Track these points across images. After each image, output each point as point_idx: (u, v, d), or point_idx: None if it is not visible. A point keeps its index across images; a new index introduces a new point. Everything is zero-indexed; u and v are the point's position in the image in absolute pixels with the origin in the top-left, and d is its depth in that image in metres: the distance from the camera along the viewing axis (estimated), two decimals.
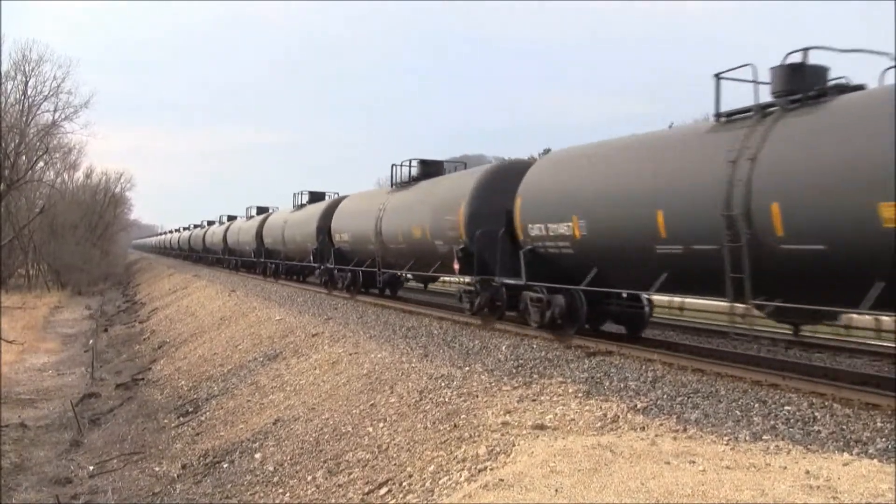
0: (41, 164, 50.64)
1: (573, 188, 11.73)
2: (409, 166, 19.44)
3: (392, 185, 20.14)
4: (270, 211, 38.71)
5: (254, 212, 40.90)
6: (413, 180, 19.10)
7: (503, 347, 11.60)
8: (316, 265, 25.23)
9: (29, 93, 48.12)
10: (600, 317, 12.33)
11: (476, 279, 14.04)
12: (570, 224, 11.42)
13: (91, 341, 25.99)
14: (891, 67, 9.23)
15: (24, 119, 47.51)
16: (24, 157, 46.60)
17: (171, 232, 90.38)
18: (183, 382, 16.91)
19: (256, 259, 35.45)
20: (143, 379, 19.14)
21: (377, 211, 19.48)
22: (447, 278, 20.42)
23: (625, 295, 11.71)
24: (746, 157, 8.52)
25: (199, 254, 58.01)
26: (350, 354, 12.60)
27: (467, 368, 10.15)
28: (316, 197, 30.24)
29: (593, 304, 11.63)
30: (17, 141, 45.98)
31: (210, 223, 58.01)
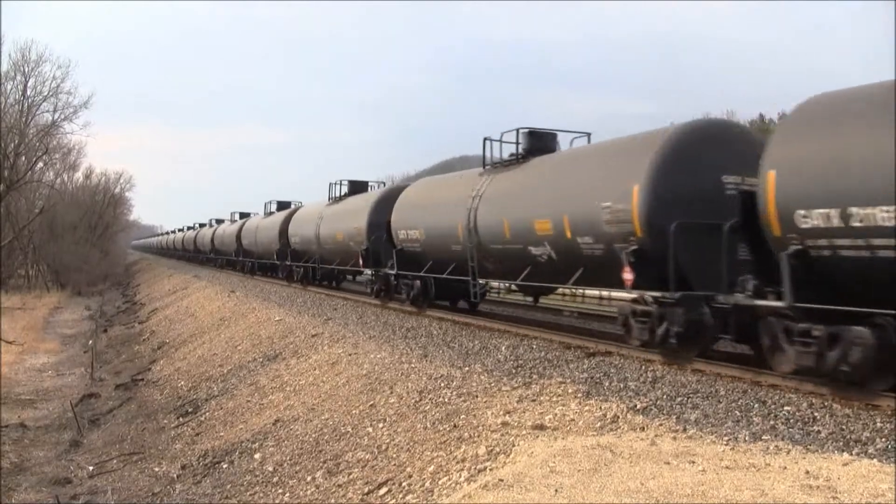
0: (41, 164, 50.65)
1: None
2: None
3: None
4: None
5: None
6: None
7: (503, 348, 11.60)
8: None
9: (28, 93, 48.02)
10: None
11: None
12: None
13: (91, 342, 25.97)
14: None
15: (23, 119, 47.44)
16: (23, 158, 46.56)
17: (171, 232, 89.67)
18: (182, 383, 16.90)
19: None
20: (142, 379, 19.14)
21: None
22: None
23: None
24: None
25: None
26: (350, 355, 12.60)
27: (467, 369, 10.16)
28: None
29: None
30: (16, 141, 45.93)
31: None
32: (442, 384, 9.49)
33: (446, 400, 8.85)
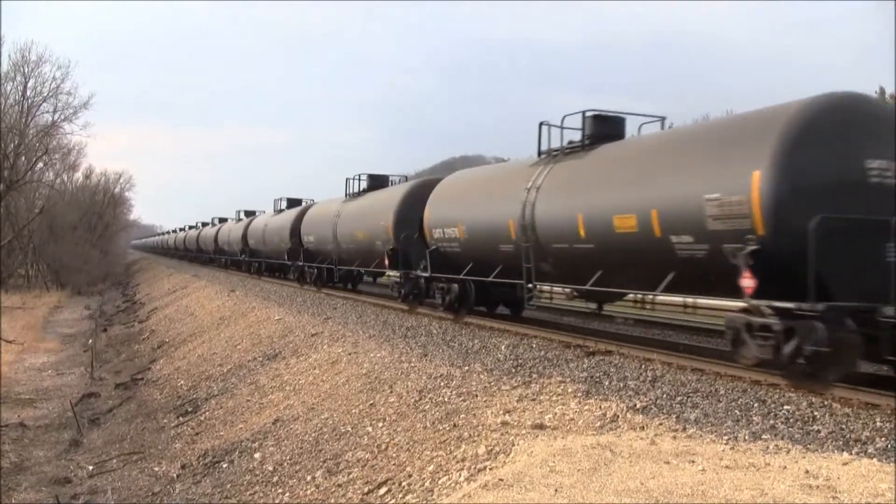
0: (41, 164, 50.68)
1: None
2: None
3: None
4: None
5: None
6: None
7: (502, 347, 11.59)
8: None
9: (28, 94, 48.05)
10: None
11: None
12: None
13: (90, 341, 25.97)
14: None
15: (23, 120, 47.45)
16: (23, 158, 46.59)
17: (172, 232, 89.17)
18: (182, 382, 16.90)
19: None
20: (142, 379, 19.14)
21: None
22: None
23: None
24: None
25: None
26: (349, 354, 12.59)
27: (466, 368, 10.15)
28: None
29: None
30: (16, 142, 45.96)
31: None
32: (442, 383, 9.49)
33: (446, 399, 8.85)
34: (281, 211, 33.65)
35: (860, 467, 5.43)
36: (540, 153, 13.23)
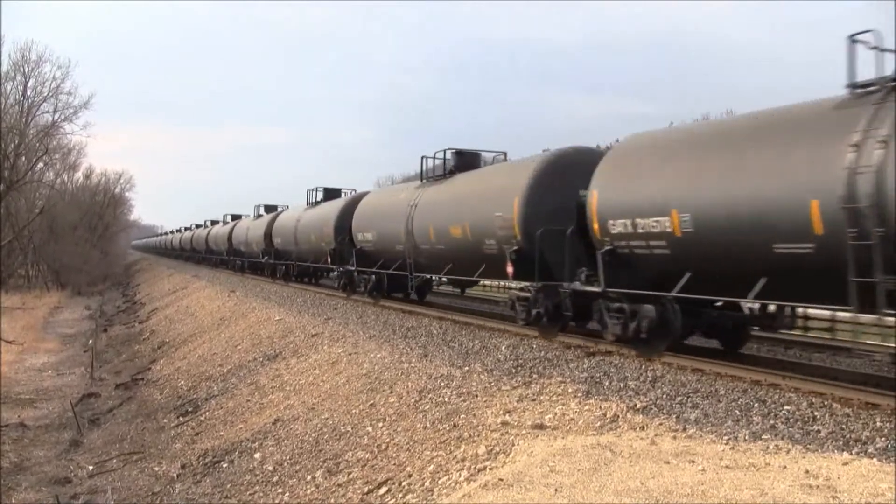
0: (41, 164, 50.68)
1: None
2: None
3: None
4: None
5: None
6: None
7: (503, 347, 11.59)
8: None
9: (28, 93, 48.11)
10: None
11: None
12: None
13: (91, 341, 25.98)
14: None
15: (23, 120, 47.48)
16: (23, 158, 46.59)
17: (171, 232, 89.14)
18: (182, 382, 16.90)
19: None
20: (142, 379, 19.15)
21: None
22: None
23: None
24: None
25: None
26: (349, 354, 12.60)
27: (467, 368, 10.15)
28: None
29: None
30: (16, 142, 45.96)
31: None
32: (442, 384, 9.49)
33: (446, 399, 8.85)
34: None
35: (860, 467, 5.43)
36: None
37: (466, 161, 16.85)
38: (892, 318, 7.50)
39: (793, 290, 8.44)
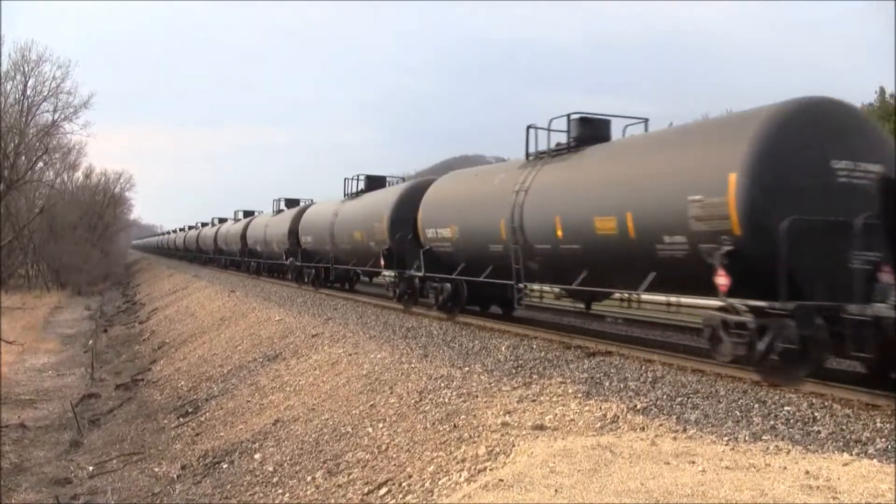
0: (41, 164, 50.69)
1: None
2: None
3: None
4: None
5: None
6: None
7: (503, 348, 11.60)
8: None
9: (28, 93, 48.12)
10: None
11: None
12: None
13: (91, 342, 25.99)
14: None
15: (23, 119, 47.49)
16: (23, 158, 46.60)
17: (172, 232, 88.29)
18: (183, 383, 16.91)
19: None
20: (142, 379, 19.15)
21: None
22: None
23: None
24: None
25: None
26: (350, 355, 12.60)
27: (467, 369, 10.15)
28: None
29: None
30: (16, 141, 45.98)
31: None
32: (442, 384, 9.49)
33: (446, 400, 8.85)
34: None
35: (860, 468, 5.43)
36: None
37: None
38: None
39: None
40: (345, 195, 23.53)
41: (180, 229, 76.24)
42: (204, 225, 59.51)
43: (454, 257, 15.27)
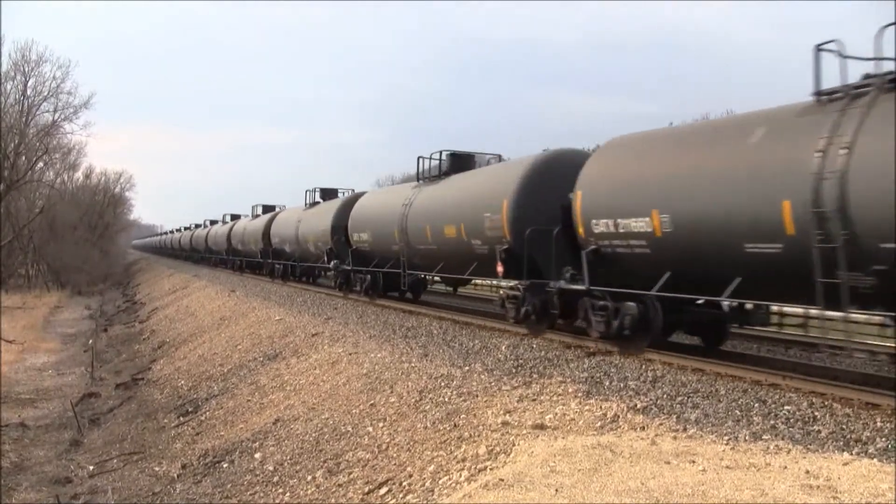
0: (41, 164, 50.72)
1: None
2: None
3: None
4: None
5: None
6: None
7: (503, 347, 11.60)
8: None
9: (28, 93, 48.12)
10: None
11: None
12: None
13: (91, 341, 25.99)
14: None
15: (23, 119, 47.50)
16: (23, 158, 46.63)
17: (171, 232, 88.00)
18: (183, 382, 16.91)
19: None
20: (142, 379, 19.15)
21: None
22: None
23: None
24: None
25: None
26: (350, 354, 12.60)
27: (467, 368, 10.15)
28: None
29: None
30: (16, 141, 45.99)
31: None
32: (442, 383, 9.49)
33: (446, 399, 8.85)
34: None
35: (860, 467, 5.43)
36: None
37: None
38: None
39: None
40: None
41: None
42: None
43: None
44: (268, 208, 37.65)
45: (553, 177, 12.65)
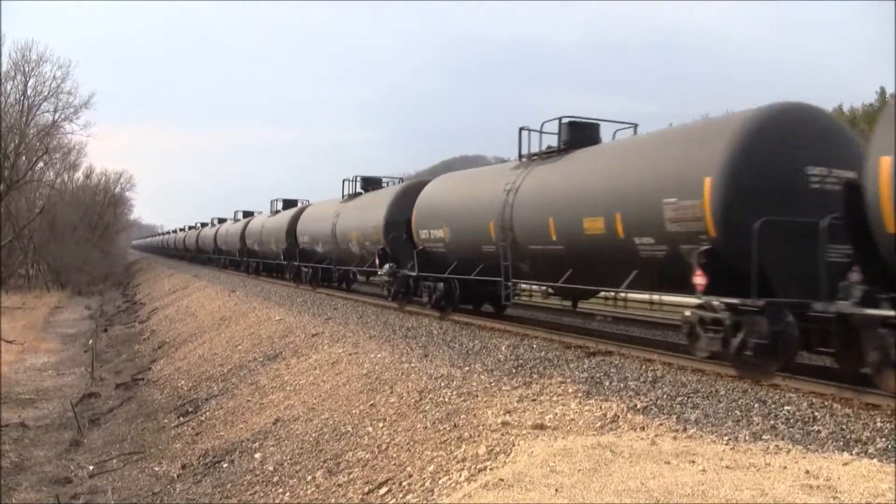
0: (41, 164, 50.74)
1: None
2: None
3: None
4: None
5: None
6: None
7: (503, 347, 11.60)
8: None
9: (29, 93, 48.13)
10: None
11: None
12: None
13: (91, 341, 25.98)
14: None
15: (23, 119, 47.50)
16: (23, 158, 46.63)
17: (172, 232, 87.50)
18: (183, 382, 16.91)
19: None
20: (142, 379, 19.14)
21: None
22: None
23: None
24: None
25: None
26: (350, 354, 12.60)
27: (467, 368, 10.16)
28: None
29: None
30: (16, 141, 46.00)
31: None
32: (442, 384, 9.49)
33: (446, 399, 8.85)
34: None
35: (861, 467, 5.43)
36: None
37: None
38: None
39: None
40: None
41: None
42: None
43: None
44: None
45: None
